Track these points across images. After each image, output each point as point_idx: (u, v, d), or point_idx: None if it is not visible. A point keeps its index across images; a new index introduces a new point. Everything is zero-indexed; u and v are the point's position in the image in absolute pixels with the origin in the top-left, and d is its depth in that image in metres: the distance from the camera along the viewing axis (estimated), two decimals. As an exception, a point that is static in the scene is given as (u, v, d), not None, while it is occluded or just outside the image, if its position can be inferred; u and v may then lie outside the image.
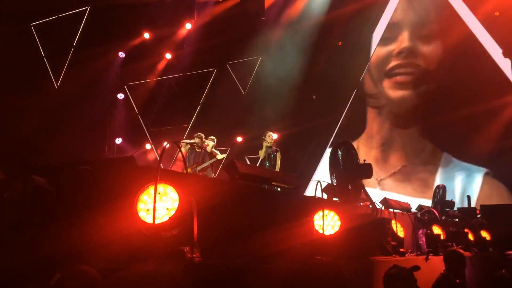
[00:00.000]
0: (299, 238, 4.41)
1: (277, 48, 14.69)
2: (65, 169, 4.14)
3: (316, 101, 14.75)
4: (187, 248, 3.18)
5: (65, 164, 4.31)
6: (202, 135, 11.32)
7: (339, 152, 5.55)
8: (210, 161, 10.78)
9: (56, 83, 14.65)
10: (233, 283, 3.24)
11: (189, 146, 10.81)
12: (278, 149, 10.40)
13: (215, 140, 11.00)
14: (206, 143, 10.73)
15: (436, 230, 6.97)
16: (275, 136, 10.77)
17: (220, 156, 10.81)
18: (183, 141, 11.54)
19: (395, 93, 13.82)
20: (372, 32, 14.36)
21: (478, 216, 9.42)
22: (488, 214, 9.44)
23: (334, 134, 14.34)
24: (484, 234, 8.17)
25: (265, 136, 10.35)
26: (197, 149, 10.76)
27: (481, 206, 10.10)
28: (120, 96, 16.57)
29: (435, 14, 13.58)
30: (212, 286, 3.11)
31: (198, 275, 3.00)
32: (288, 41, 14.52)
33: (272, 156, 10.27)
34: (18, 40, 13.27)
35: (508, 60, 12.24)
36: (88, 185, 3.59)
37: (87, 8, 15.19)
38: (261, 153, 10.36)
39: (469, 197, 11.09)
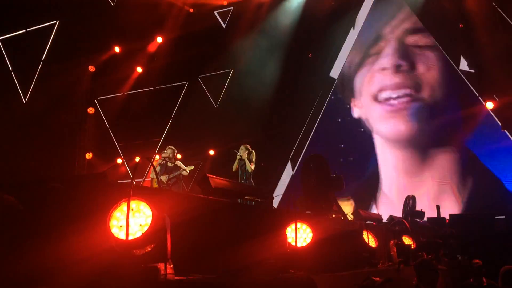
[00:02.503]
0: (272, 251, 4.43)
1: (248, 60, 14.77)
2: (35, 187, 4.07)
3: (288, 113, 14.85)
4: (161, 265, 3.17)
5: (35, 182, 4.24)
6: (174, 148, 11.32)
7: (311, 165, 5.62)
8: (178, 172, 10.79)
9: (25, 98, 14.42)
10: (207, 299, 3.24)
11: (162, 160, 10.80)
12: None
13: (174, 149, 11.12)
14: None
15: (407, 240, 7.08)
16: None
17: (190, 168, 10.82)
18: (155, 157, 11.51)
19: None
20: (343, 43, 14.57)
21: (447, 225, 9.61)
22: (457, 223, 9.63)
23: (306, 146, 14.46)
24: (453, 243, 8.33)
25: (241, 149, 10.40)
26: (169, 164, 10.73)
27: (450, 215, 10.29)
28: (91, 110, 16.38)
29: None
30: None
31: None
32: (259, 53, 14.62)
33: (245, 168, 10.29)
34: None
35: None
36: (59, 203, 3.54)
37: (56, 22, 15.04)
38: (234, 166, 10.40)
39: (438, 207, 11.30)
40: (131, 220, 3.14)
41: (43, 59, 15.05)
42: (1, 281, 3.06)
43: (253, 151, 10.50)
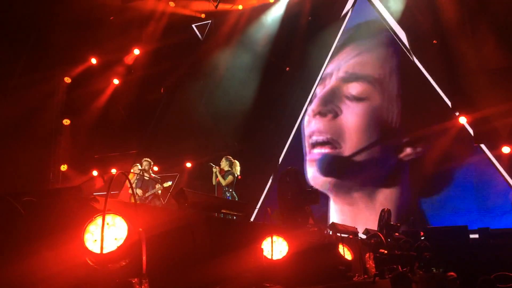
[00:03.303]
0: (248, 264, 4.44)
1: (226, 72, 14.83)
2: (7, 200, 4.01)
3: (267, 125, 14.92)
4: (136, 279, 3.15)
5: (7, 195, 4.18)
6: (150, 160, 11.25)
7: (287, 179, 5.65)
8: (155, 190, 10.71)
9: (-2, 109, 14.19)
10: (183, 314, 3.22)
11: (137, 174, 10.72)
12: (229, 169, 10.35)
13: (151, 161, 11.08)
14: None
15: (382, 253, 7.14)
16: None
17: (166, 184, 10.75)
18: (132, 171, 11.39)
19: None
20: (326, 57, 14.74)
21: (422, 238, 9.72)
22: (431, 236, 9.76)
23: (281, 159, 14.53)
24: (427, 255, 8.42)
25: (222, 162, 10.37)
26: (145, 177, 10.66)
27: (424, 228, 10.43)
28: (66, 122, 16.19)
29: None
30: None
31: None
32: (238, 65, 14.70)
33: (225, 178, 10.24)
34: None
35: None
36: (32, 217, 3.50)
37: (31, 32, 14.87)
38: (213, 179, 10.33)
39: (413, 219, 11.45)
40: (106, 234, 3.12)
41: (16, 70, 14.84)
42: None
43: (236, 161, 10.45)
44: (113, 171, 13.50)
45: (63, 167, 15.72)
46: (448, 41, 12.52)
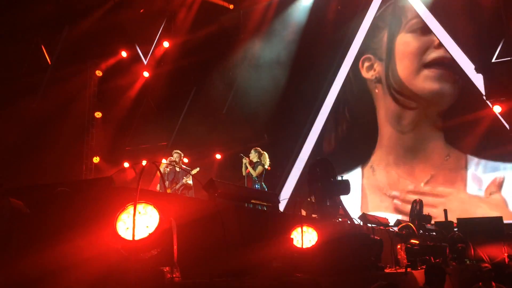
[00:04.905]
0: (278, 254, 4.43)
1: (254, 64, 14.79)
2: (43, 191, 4.11)
3: (295, 116, 14.83)
4: (167, 268, 3.18)
5: (43, 186, 4.28)
6: (180, 152, 11.35)
7: (317, 169, 5.61)
8: (184, 180, 10.80)
9: (33, 103, 14.50)
10: (214, 302, 3.24)
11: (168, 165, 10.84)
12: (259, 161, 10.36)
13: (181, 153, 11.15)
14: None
15: (414, 244, 7.05)
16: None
17: (194, 171, 10.83)
18: (163, 161, 11.55)
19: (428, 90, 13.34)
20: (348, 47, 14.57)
21: (455, 229, 9.55)
22: (465, 227, 9.57)
23: (310, 149, 14.45)
24: (461, 247, 8.29)
25: (251, 153, 10.40)
26: (177, 169, 10.76)
27: (458, 219, 10.24)
28: (98, 114, 16.47)
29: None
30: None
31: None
32: (267, 56, 14.64)
33: (255, 169, 10.28)
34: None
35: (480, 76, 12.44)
36: (66, 207, 3.57)
37: (64, 27, 15.13)
38: (243, 170, 10.39)
39: (445, 211, 11.24)
40: (138, 222, 3.16)
41: (51, 64, 15.14)
42: (10, 283, 3.08)
43: (265, 153, 10.45)
44: (144, 162, 13.66)
45: (96, 159, 16.02)
46: (482, 25, 12.19)
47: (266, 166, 10.26)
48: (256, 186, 10.13)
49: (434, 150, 12.95)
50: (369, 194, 13.62)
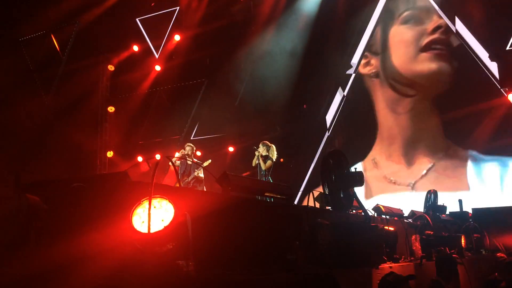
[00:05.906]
0: (291, 246, 4.43)
1: (267, 56, 14.75)
2: (58, 186, 4.14)
3: (307, 109, 14.79)
4: (182, 261, 3.20)
5: (58, 181, 4.32)
6: (192, 145, 11.41)
7: (330, 161, 5.59)
8: (196, 173, 10.87)
9: (46, 98, 14.62)
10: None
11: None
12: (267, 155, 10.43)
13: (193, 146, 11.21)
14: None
15: (429, 235, 7.01)
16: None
17: (206, 163, 10.90)
18: (176, 156, 11.61)
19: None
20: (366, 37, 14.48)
21: (470, 219, 9.48)
22: (480, 217, 9.50)
23: (323, 142, 14.40)
24: (476, 237, 8.24)
25: (260, 147, 10.48)
26: (188, 162, 10.82)
27: (473, 209, 10.16)
28: (111, 109, 16.55)
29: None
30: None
31: (194, 289, 3.02)
32: (278, 48, 14.58)
33: (265, 162, 10.38)
34: (6, 55, 13.25)
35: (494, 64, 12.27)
36: (82, 202, 3.60)
37: (76, 22, 15.21)
38: (253, 161, 10.50)
39: (460, 201, 11.14)
40: (153, 215, 3.18)
41: (63, 58, 15.24)
42: (29, 275, 3.13)
43: (273, 146, 10.53)
44: (157, 156, 13.74)
45: (109, 154, 16.12)
46: (495, 9, 12.04)
47: (274, 159, 10.41)
48: (264, 179, 10.27)
49: (436, 139, 12.94)
50: (373, 188, 13.57)
